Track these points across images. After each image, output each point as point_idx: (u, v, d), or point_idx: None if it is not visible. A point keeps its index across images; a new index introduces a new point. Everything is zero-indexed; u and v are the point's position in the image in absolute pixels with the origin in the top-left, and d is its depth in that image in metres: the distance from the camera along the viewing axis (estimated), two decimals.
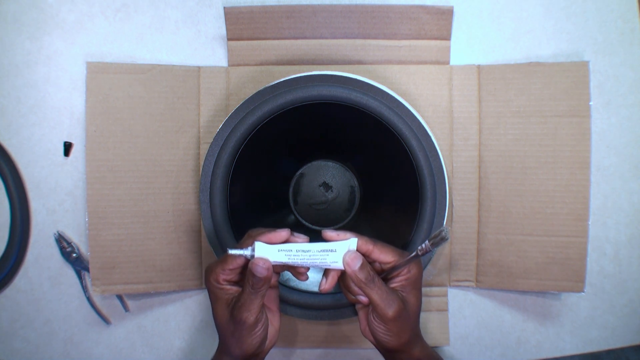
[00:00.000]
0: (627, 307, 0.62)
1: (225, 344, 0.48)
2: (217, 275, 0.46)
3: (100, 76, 0.59)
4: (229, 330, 0.47)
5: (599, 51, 0.61)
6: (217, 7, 0.62)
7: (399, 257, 0.47)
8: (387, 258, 0.47)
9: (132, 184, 0.60)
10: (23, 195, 0.62)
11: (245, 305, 0.45)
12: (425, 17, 0.59)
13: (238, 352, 0.47)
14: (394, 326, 0.47)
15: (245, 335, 0.46)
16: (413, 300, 0.48)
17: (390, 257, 0.47)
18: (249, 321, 0.45)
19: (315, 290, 0.55)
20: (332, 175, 0.61)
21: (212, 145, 0.54)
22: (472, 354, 0.62)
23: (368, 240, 0.47)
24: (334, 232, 0.47)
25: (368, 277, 0.46)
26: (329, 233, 0.47)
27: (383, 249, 0.47)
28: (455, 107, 0.60)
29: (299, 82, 0.53)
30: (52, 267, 0.62)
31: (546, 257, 0.59)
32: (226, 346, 0.48)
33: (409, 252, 0.47)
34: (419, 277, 0.48)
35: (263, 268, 0.44)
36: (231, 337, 0.47)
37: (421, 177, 0.53)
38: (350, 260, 0.45)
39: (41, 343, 0.63)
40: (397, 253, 0.48)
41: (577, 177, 0.58)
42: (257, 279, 0.44)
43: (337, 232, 0.47)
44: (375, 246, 0.47)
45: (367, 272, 0.46)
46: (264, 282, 0.45)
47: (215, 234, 0.55)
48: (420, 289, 0.49)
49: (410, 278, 0.48)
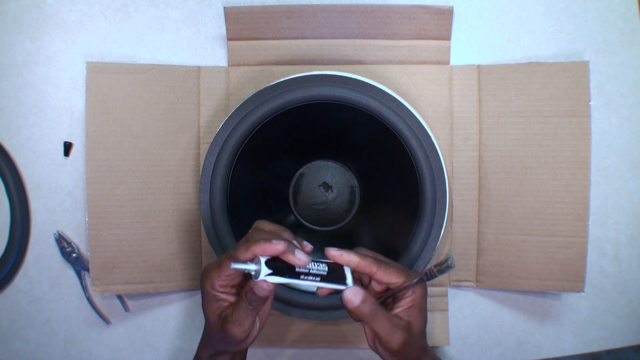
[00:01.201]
0: (627, 307, 0.62)
1: (210, 339, 0.47)
2: (213, 280, 0.44)
3: (100, 76, 0.59)
4: (217, 335, 0.46)
5: (599, 51, 0.61)
6: (217, 7, 0.62)
7: (404, 278, 0.45)
8: (391, 279, 0.45)
9: (132, 184, 0.60)
10: (23, 195, 0.62)
11: (239, 321, 0.44)
12: (425, 17, 0.59)
13: (222, 349, 0.47)
14: (400, 354, 0.45)
15: (233, 345, 0.46)
16: (418, 323, 0.46)
17: (394, 278, 0.45)
18: (239, 337, 0.44)
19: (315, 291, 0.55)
20: (332, 175, 0.61)
21: (212, 145, 0.54)
22: (472, 354, 0.62)
23: (372, 262, 0.45)
24: (337, 252, 0.45)
25: (370, 311, 0.44)
26: (332, 252, 0.45)
27: (387, 270, 0.45)
28: (455, 107, 0.60)
29: (299, 82, 0.53)
30: (52, 267, 0.62)
31: (546, 257, 0.59)
32: (211, 342, 0.47)
33: (414, 272, 0.46)
34: (424, 297, 0.47)
35: (265, 289, 0.42)
36: (218, 341, 0.46)
37: (421, 177, 0.53)
38: (351, 296, 0.44)
39: (41, 343, 0.63)
40: (401, 273, 0.46)
41: (577, 177, 0.58)
42: (257, 297, 0.43)
43: (341, 253, 0.45)
44: (379, 268, 0.45)
45: (369, 306, 0.44)
46: (264, 301, 0.43)
47: (215, 234, 0.55)
48: (426, 308, 0.47)
49: (415, 300, 0.46)
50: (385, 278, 0.45)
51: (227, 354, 0.48)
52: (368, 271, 0.45)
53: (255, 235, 0.44)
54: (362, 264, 0.45)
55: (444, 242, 0.61)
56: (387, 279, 0.45)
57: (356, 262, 0.45)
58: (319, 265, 0.45)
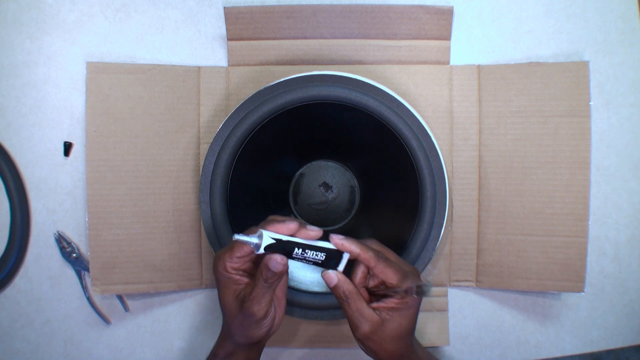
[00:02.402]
0: (627, 307, 0.62)
1: (230, 330, 0.48)
2: (225, 263, 0.45)
3: (100, 76, 0.59)
4: (236, 320, 0.47)
5: (599, 51, 0.61)
6: (217, 7, 0.62)
7: (397, 281, 0.46)
8: (387, 278, 0.46)
9: (132, 184, 0.60)
10: (23, 195, 0.62)
11: (256, 299, 0.45)
12: (425, 17, 0.59)
13: (242, 340, 0.47)
14: (368, 344, 0.47)
15: (254, 327, 0.46)
16: (394, 326, 0.47)
17: (390, 278, 0.46)
18: (259, 315, 0.45)
19: (315, 290, 0.55)
20: (332, 175, 0.61)
21: (212, 145, 0.54)
22: (472, 354, 0.62)
23: (372, 256, 0.46)
24: (340, 240, 0.46)
25: (346, 293, 0.46)
26: (337, 239, 0.46)
27: (385, 268, 0.46)
28: (455, 107, 0.60)
29: (298, 82, 0.53)
30: (52, 267, 0.62)
31: (546, 257, 0.59)
32: (231, 332, 0.48)
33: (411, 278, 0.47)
34: (412, 306, 0.47)
35: (280, 263, 0.43)
36: (238, 326, 0.47)
37: (421, 177, 0.53)
38: (331, 275, 0.47)
39: (41, 343, 0.63)
40: (399, 276, 0.46)
41: (577, 177, 0.58)
42: (272, 274, 0.44)
43: (343, 242, 0.46)
44: (378, 263, 0.46)
45: (346, 288, 0.46)
46: (279, 277, 0.44)
47: (215, 234, 0.55)
48: (413, 317, 0.48)
49: (402, 304, 0.47)
50: (381, 275, 0.47)
51: (245, 349, 0.48)
52: (367, 264, 0.46)
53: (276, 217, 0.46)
54: (362, 255, 0.46)
55: (444, 242, 0.61)
56: (382, 276, 0.47)
57: (357, 253, 0.46)
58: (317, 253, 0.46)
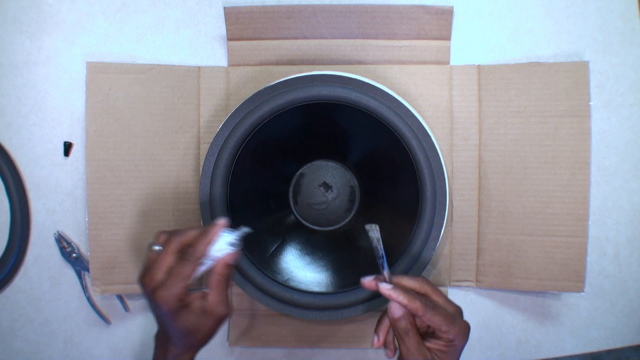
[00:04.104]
0: (627, 307, 0.62)
1: (166, 328, 0.47)
2: (182, 291, 0.45)
3: (100, 76, 0.59)
4: (170, 310, 0.46)
5: (599, 51, 0.61)
6: (217, 7, 0.62)
7: (447, 327, 0.45)
8: (436, 326, 0.45)
9: (132, 184, 0.60)
10: (23, 195, 0.62)
11: (182, 275, 0.44)
12: (425, 17, 0.59)
13: (177, 332, 0.46)
14: None
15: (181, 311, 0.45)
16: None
17: (438, 325, 0.45)
18: (170, 300, 0.44)
19: (315, 290, 0.55)
20: (332, 175, 0.61)
21: (212, 145, 0.54)
22: (472, 354, 0.62)
23: (420, 307, 0.45)
24: (388, 291, 0.45)
25: (404, 329, 0.45)
26: (385, 290, 0.45)
27: (434, 317, 0.45)
28: (455, 107, 0.60)
29: (298, 82, 0.53)
30: (52, 267, 0.62)
31: (546, 257, 0.59)
32: (167, 333, 0.48)
33: (462, 321, 0.46)
34: (460, 347, 0.47)
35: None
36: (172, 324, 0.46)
37: (421, 177, 0.53)
38: (395, 309, 0.45)
39: (41, 343, 0.63)
40: (447, 322, 0.45)
41: (577, 177, 0.58)
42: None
43: (391, 292, 0.45)
44: (426, 312, 0.45)
45: (405, 324, 0.45)
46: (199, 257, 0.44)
47: None
48: (458, 357, 0.47)
49: (449, 347, 0.46)
50: (429, 322, 0.45)
51: (190, 352, 0.47)
52: (415, 313, 0.45)
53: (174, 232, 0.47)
54: (410, 306, 0.45)
55: (444, 242, 0.61)
56: (431, 323, 0.45)
57: (404, 304, 0.45)
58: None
